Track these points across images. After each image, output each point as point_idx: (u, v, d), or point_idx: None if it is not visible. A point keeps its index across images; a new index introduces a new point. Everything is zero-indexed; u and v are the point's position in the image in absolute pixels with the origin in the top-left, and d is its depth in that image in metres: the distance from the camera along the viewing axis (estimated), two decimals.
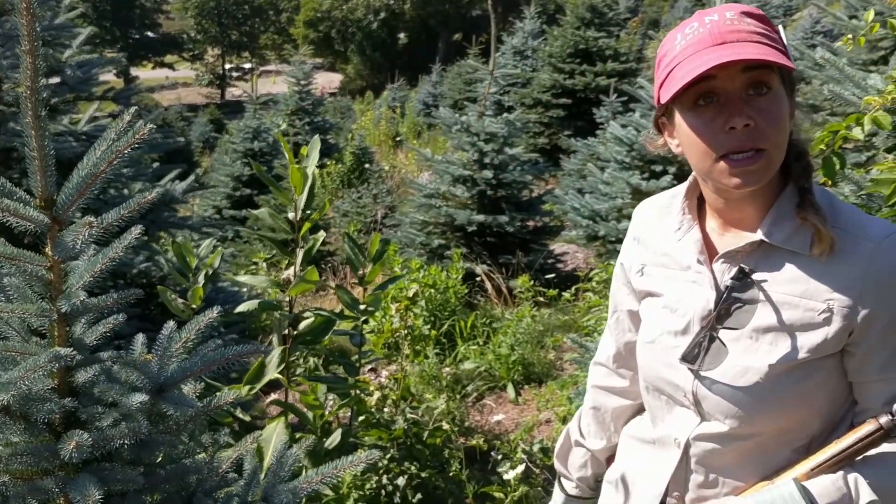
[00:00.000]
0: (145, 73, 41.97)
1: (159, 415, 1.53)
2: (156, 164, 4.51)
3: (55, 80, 3.72)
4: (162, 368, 1.51)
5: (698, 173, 1.30)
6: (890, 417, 1.20)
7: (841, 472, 1.22)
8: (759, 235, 1.27)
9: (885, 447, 1.23)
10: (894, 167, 1.95)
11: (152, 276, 4.10)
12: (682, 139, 1.27)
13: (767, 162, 1.21)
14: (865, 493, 1.20)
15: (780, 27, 1.25)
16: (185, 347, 1.62)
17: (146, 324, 3.76)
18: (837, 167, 2.01)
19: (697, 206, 1.38)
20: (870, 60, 4.83)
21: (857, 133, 1.99)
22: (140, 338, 1.65)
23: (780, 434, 1.29)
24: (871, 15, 2.05)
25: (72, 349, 1.37)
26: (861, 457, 1.23)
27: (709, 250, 1.34)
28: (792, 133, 1.26)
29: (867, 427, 1.21)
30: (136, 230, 1.54)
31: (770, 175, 1.23)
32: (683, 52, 1.21)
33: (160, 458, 1.64)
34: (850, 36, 2.18)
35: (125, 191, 3.93)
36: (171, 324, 1.59)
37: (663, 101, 1.24)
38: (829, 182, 2.02)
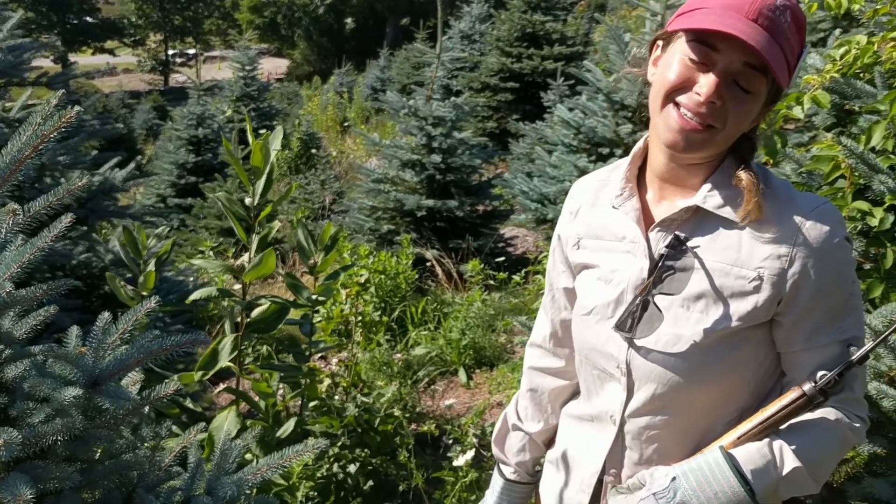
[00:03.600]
0: (85, 60, 40.83)
1: (95, 409, 1.47)
2: (95, 152, 4.37)
3: None
4: (97, 361, 1.45)
5: (652, 111, 1.31)
6: (813, 385, 1.22)
7: (766, 440, 1.24)
8: (694, 201, 1.28)
9: (810, 415, 1.25)
10: (833, 145, 1.98)
11: (93, 267, 3.99)
12: (660, 69, 1.29)
13: (711, 139, 1.23)
14: (790, 460, 1.22)
15: (807, 48, 1.27)
16: (122, 339, 1.56)
17: (88, 316, 3.66)
18: (779, 146, 2.04)
19: (638, 176, 1.40)
20: (809, 42, 4.91)
21: (797, 112, 2.01)
22: (74, 330, 1.59)
23: (711, 408, 1.30)
24: None
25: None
26: (786, 425, 1.25)
27: (646, 219, 1.36)
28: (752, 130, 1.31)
29: (791, 395, 1.23)
30: (67, 218, 1.47)
31: (705, 152, 1.26)
32: (721, 1, 1.21)
33: (98, 454, 1.59)
34: None
35: (63, 179, 3.81)
36: (105, 315, 1.53)
37: (672, 28, 1.27)
38: (771, 161, 2.04)
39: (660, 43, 1.33)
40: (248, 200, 2.64)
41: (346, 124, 15.61)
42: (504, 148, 9.50)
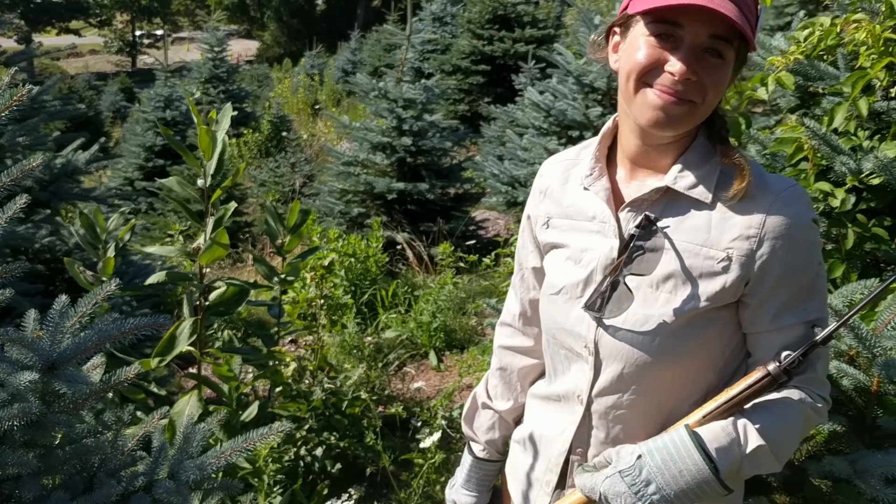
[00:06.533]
0: (49, 40, 39.97)
1: (53, 394, 1.45)
2: (57, 133, 4.28)
3: None
4: (54, 345, 1.42)
5: (623, 96, 1.30)
6: (777, 365, 1.23)
7: (731, 419, 1.25)
8: (664, 182, 1.29)
9: (774, 395, 1.26)
10: (797, 127, 1.99)
11: (57, 251, 3.93)
12: (625, 54, 1.27)
13: (691, 112, 1.23)
14: (753, 438, 1.23)
15: (763, 8, 1.27)
16: (81, 323, 1.54)
17: (49, 301, 3.60)
18: (744, 127, 2.05)
19: (608, 155, 1.40)
20: (776, 26, 4.95)
21: (762, 93, 2.02)
22: (32, 314, 1.56)
23: (677, 387, 1.31)
24: None
25: None
26: (751, 404, 1.26)
27: (615, 199, 1.35)
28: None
29: (756, 374, 1.24)
30: (23, 199, 1.45)
31: (687, 126, 1.26)
32: None
33: (58, 440, 1.57)
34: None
35: (23, 161, 3.73)
36: (63, 298, 1.51)
37: (630, 11, 1.25)
38: (736, 142, 2.05)
39: (617, 29, 1.32)
40: (199, 182, 2.59)
41: (316, 107, 15.48)
42: (475, 131, 9.48)
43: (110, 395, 2.46)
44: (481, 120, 9.98)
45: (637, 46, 1.24)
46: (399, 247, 6.05)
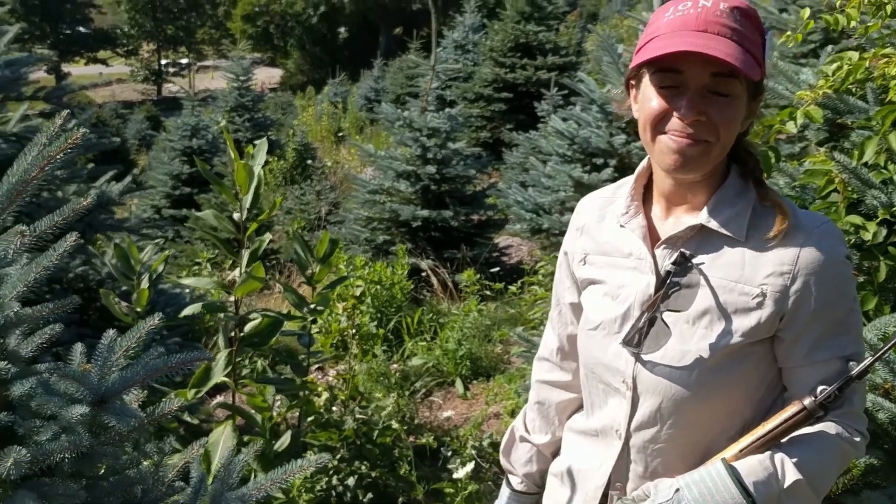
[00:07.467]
0: (78, 70, 40.76)
1: (101, 426, 1.49)
2: (91, 165, 4.38)
3: None
4: (102, 379, 1.46)
5: (644, 145, 1.34)
6: (813, 399, 1.24)
7: (768, 453, 1.26)
8: (699, 220, 1.31)
9: (810, 429, 1.27)
10: (826, 160, 2.00)
11: (90, 280, 3.99)
12: (640, 105, 1.33)
13: (707, 152, 1.26)
14: (791, 472, 1.23)
15: (769, 34, 1.28)
16: (126, 356, 1.58)
17: (85, 329, 3.66)
18: (773, 160, 2.07)
19: (643, 193, 1.43)
20: (800, 53, 4.95)
21: (791, 127, 2.04)
22: (79, 347, 1.60)
23: (714, 421, 1.33)
24: (806, 13, 2.11)
25: (6, 362, 1.33)
26: (787, 438, 1.27)
27: (651, 236, 1.38)
28: (747, 131, 1.33)
29: (792, 409, 1.26)
30: (73, 237, 1.49)
31: (706, 167, 1.29)
32: (668, 25, 1.26)
33: (103, 471, 1.60)
34: (788, 33, 2.24)
35: (59, 193, 3.82)
36: (111, 332, 1.54)
37: (632, 64, 1.30)
38: (765, 175, 2.07)
39: (632, 81, 1.37)
40: (235, 216, 2.65)
41: (340, 134, 15.62)
42: (497, 157, 9.53)
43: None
44: (503, 146, 10.04)
45: (648, 97, 1.29)
46: (424, 274, 6.08)
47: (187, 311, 2.57)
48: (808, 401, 1.24)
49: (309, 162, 10.90)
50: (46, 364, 1.47)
